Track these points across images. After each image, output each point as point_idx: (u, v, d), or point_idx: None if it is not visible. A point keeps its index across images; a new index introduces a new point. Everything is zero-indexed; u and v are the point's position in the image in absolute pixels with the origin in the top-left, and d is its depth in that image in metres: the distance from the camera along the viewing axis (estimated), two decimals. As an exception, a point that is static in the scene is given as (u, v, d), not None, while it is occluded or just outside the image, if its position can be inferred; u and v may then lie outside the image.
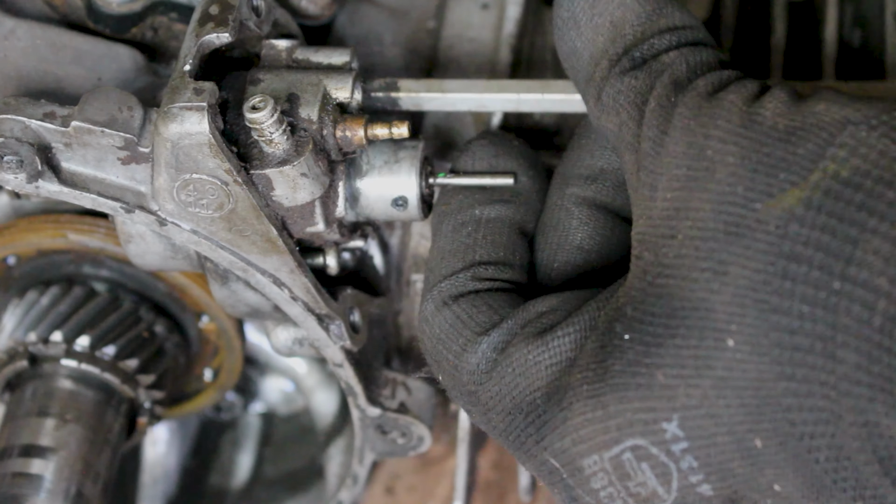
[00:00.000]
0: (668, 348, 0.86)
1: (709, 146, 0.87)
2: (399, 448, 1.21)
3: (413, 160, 1.06)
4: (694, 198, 0.86)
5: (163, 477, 1.49)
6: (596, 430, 0.90)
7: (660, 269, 0.88)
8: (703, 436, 0.86)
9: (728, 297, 0.84)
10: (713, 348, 0.84)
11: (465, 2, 1.25)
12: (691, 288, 0.85)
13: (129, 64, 1.10)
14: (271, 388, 1.51)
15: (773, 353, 0.82)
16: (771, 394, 0.83)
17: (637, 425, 0.88)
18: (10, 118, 0.97)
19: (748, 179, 0.84)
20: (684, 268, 0.86)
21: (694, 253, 0.85)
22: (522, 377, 0.94)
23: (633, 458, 0.88)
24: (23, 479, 1.16)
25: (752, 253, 0.83)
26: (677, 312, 0.86)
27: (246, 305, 1.12)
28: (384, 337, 1.22)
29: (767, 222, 0.83)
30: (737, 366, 0.84)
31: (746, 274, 0.83)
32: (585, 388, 0.90)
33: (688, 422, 0.86)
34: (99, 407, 1.21)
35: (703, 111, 0.88)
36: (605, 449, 0.89)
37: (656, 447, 0.87)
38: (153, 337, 1.25)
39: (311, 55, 1.06)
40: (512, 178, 1.05)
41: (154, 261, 1.11)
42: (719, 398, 0.84)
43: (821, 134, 0.83)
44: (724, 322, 0.84)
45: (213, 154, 0.95)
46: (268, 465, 1.50)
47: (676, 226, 0.87)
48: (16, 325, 1.23)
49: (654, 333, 0.87)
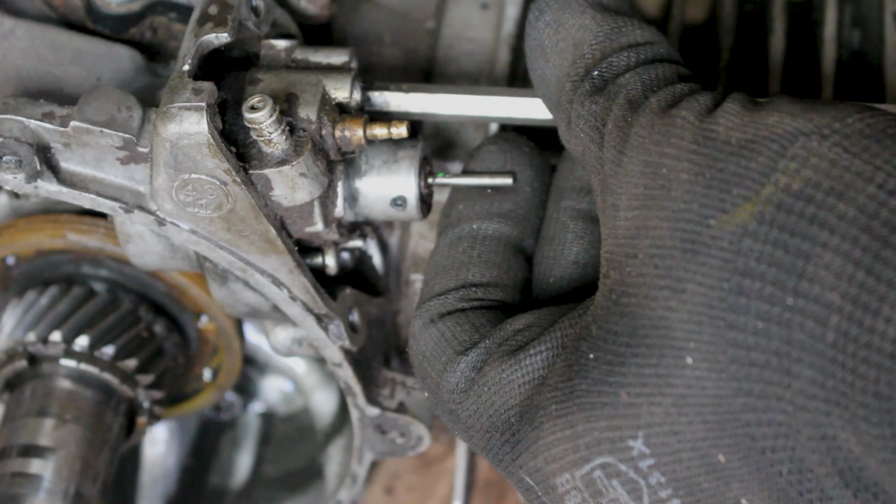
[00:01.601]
0: (630, 367, 0.87)
1: (664, 164, 0.87)
2: (398, 448, 1.21)
3: (412, 160, 1.06)
4: (652, 216, 0.87)
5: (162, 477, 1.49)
6: (566, 450, 0.90)
7: (623, 287, 0.88)
8: (668, 452, 0.86)
9: (685, 314, 0.84)
10: (672, 366, 0.85)
11: (464, 2, 1.25)
12: (651, 306, 0.86)
13: (128, 64, 1.10)
14: (270, 388, 1.51)
15: (731, 370, 0.82)
16: (730, 410, 0.83)
17: (605, 443, 0.88)
18: (9, 118, 0.97)
19: (702, 196, 0.84)
20: (644, 286, 0.86)
21: (653, 271, 0.86)
22: (497, 396, 0.95)
23: (603, 475, 0.89)
24: (22, 478, 1.16)
25: (707, 270, 0.83)
26: (638, 331, 0.86)
27: (245, 305, 1.12)
28: (383, 337, 1.22)
29: (721, 238, 0.83)
30: (696, 383, 0.84)
31: (702, 291, 0.83)
32: (554, 407, 0.91)
33: (652, 439, 0.86)
34: (98, 407, 1.21)
35: (656, 129, 0.88)
36: (576, 467, 0.90)
37: (624, 464, 0.88)
38: (152, 337, 1.25)
39: (311, 55, 1.06)
40: (511, 178, 1.05)
41: (153, 261, 1.11)
42: (681, 415, 0.85)
43: (772, 146, 0.83)
44: (683, 340, 0.84)
45: (211, 154, 0.95)
46: (267, 464, 1.50)
47: (637, 244, 0.87)
48: (15, 324, 1.23)
49: (616, 352, 0.88)
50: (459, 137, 1.18)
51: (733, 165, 0.84)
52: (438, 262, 1.03)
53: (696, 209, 0.84)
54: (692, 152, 0.86)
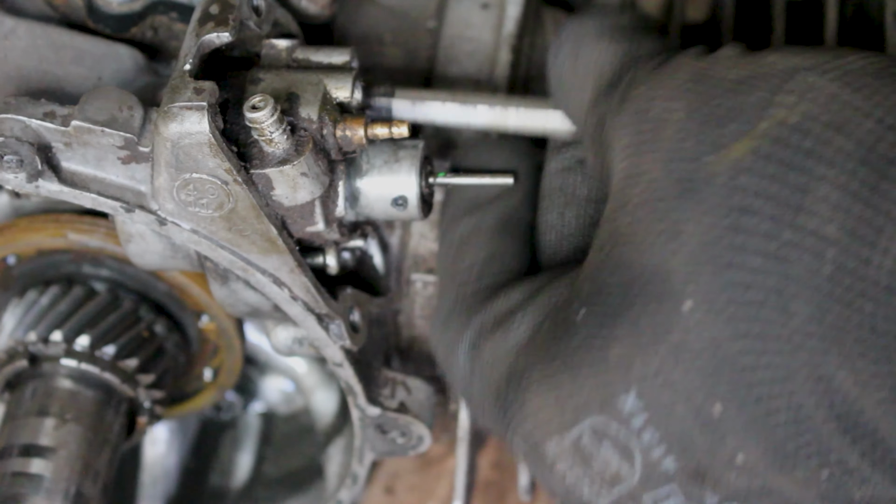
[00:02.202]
0: (623, 319, 0.85)
1: (654, 106, 0.85)
2: (399, 448, 1.21)
3: (413, 160, 1.06)
4: (644, 161, 0.85)
5: (163, 476, 1.49)
6: (552, 413, 0.89)
7: (615, 238, 0.86)
8: (662, 405, 0.84)
9: (684, 257, 0.82)
10: (670, 312, 0.83)
11: (465, 1, 1.25)
12: (648, 253, 0.84)
13: (130, 63, 1.10)
14: (271, 388, 1.51)
15: (729, 311, 0.81)
16: (727, 354, 0.81)
17: (593, 403, 0.86)
18: (10, 117, 0.97)
19: (697, 133, 0.83)
20: (640, 233, 0.85)
21: (648, 216, 0.84)
22: (491, 368, 0.95)
23: (592, 437, 0.87)
24: (22, 478, 1.16)
25: (704, 208, 0.82)
26: (635, 281, 0.85)
27: (246, 305, 1.12)
28: (384, 336, 1.22)
29: (718, 175, 0.81)
30: (693, 328, 0.82)
31: (700, 231, 0.82)
32: (539, 368, 0.90)
33: (645, 392, 0.84)
34: (99, 406, 1.21)
35: (652, 77, 0.88)
36: (564, 431, 0.88)
37: (615, 423, 0.86)
38: (153, 336, 1.25)
39: (312, 55, 1.06)
40: (512, 178, 1.05)
41: (154, 260, 1.11)
42: (676, 364, 0.83)
43: (771, 80, 0.82)
44: (681, 284, 0.82)
45: (213, 153, 0.95)
46: (268, 464, 1.50)
47: (629, 193, 0.86)
48: (16, 324, 1.23)
49: (609, 306, 0.86)
50: (460, 137, 1.18)
51: (729, 101, 0.83)
52: (441, 269, 1.05)
53: (690, 147, 0.83)
54: (687, 90, 0.85)
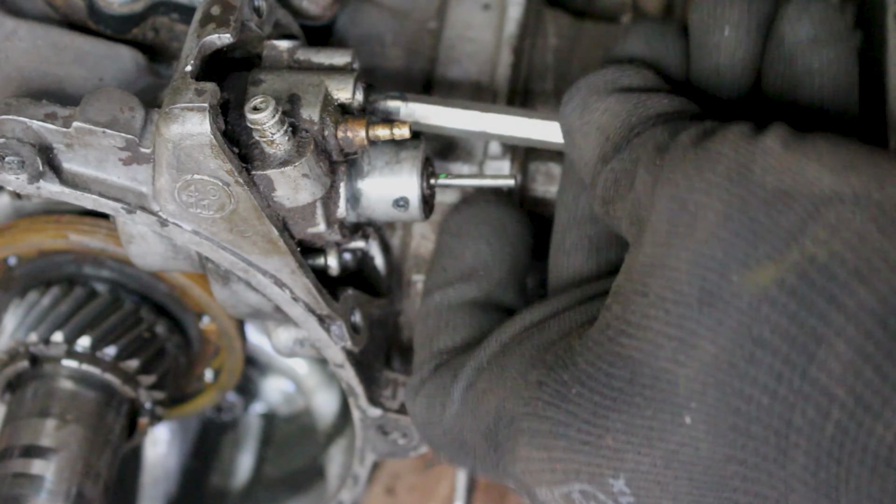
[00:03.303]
0: (621, 414, 0.85)
1: (692, 199, 0.84)
2: (400, 449, 1.21)
3: (414, 161, 1.06)
4: (671, 255, 0.84)
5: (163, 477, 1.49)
6: (543, 468, 0.90)
7: (624, 326, 0.86)
8: (650, 498, 0.85)
9: (693, 372, 0.82)
10: (669, 422, 0.83)
11: (466, 2, 1.25)
12: (656, 355, 0.84)
13: (131, 65, 1.10)
14: (272, 389, 1.51)
15: (728, 437, 0.81)
16: (721, 474, 0.82)
17: (583, 474, 0.88)
18: (11, 119, 0.97)
19: (728, 244, 0.82)
20: (651, 331, 0.84)
21: (664, 316, 0.84)
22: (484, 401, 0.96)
23: (581, 496, 0.89)
24: (23, 479, 1.16)
25: (723, 329, 0.81)
26: (637, 379, 0.85)
27: (247, 306, 1.12)
28: (385, 337, 1.22)
29: (741, 297, 0.81)
30: (690, 442, 0.83)
31: (714, 351, 0.81)
32: (527, 426, 0.91)
33: (634, 483, 0.86)
34: (100, 407, 1.21)
35: (687, 161, 0.85)
36: (555, 486, 0.90)
37: (603, 495, 0.87)
38: (154, 337, 1.25)
39: (313, 56, 1.06)
40: (513, 180, 1.05)
41: (155, 261, 1.11)
42: (668, 469, 0.84)
43: (806, 206, 0.80)
44: (685, 398, 0.83)
45: (214, 155, 0.95)
46: (268, 465, 1.50)
47: (650, 283, 0.85)
48: (17, 325, 1.23)
49: (608, 395, 0.86)
50: (461, 139, 1.18)
51: (764, 217, 0.81)
52: (417, 336, 1.07)
53: (719, 257, 0.82)
54: (724, 190, 0.83)
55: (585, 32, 1.28)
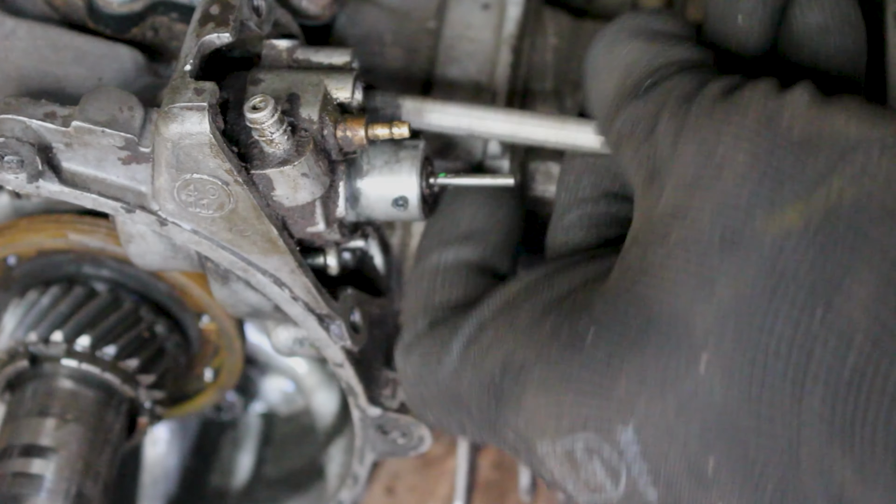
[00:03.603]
0: (635, 357, 0.85)
1: (721, 143, 0.85)
2: (399, 448, 1.21)
3: (414, 160, 1.06)
4: (696, 198, 0.84)
5: (163, 477, 1.49)
6: (548, 416, 0.89)
7: (643, 269, 0.86)
8: (657, 448, 0.85)
9: (711, 313, 0.82)
10: (684, 366, 0.83)
11: (465, 2, 1.25)
12: (674, 298, 0.84)
13: (130, 64, 1.10)
14: (272, 388, 1.51)
15: (744, 379, 0.81)
16: (733, 421, 0.82)
17: (591, 424, 0.87)
18: (10, 118, 0.97)
19: (754, 186, 0.82)
20: (670, 272, 0.84)
21: (683, 258, 0.84)
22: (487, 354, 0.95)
23: (584, 451, 0.88)
24: (23, 478, 1.16)
25: (743, 268, 0.81)
26: (653, 321, 0.84)
27: (246, 305, 1.12)
28: (385, 337, 1.22)
29: (764, 238, 0.81)
30: (704, 388, 0.83)
31: (733, 291, 0.81)
32: (539, 374, 0.90)
33: (643, 432, 0.85)
34: (99, 407, 1.21)
35: (716, 110, 0.86)
36: (558, 437, 0.89)
37: (608, 446, 0.87)
38: (154, 337, 1.25)
39: (312, 55, 1.06)
40: (512, 179, 1.05)
41: (155, 261, 1.11)
42: (679, 416, 0.84)
43: (834, 148, 0.81)
44: (701, 339, 0.82)
45: (213, 154, 0.95)
46: (268, 465, 1.50)
47: (672, 227, 0.85)
48: (16, 324, 1.23)
49: (623, 338, 0.86)
50: (461, 138, 1.18)
51: (791, 162, 0.82)
52: (408, 300, 1.06)
53: (744, 200, 0.82)
54: (751, 139, 0.83)
55: (585, 32, 1.28)
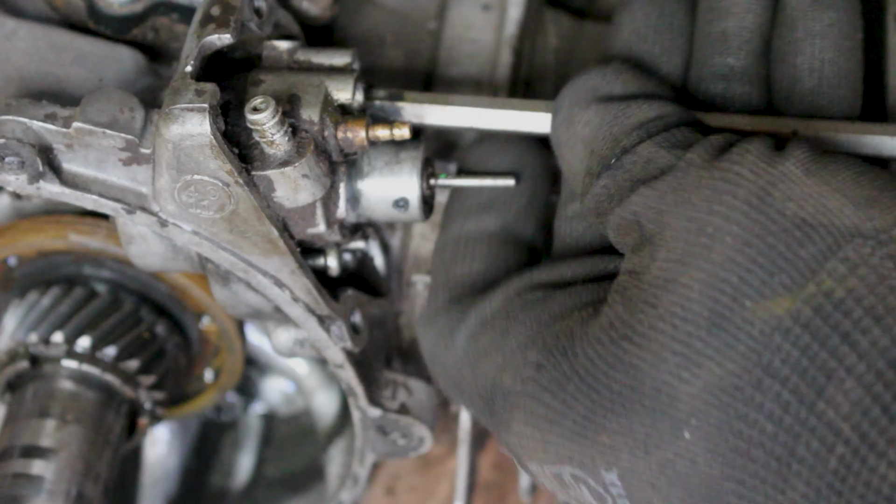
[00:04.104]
0: (619, 417, 0.85)
1: (711, 222, 0.83)
2: (400, 449, 1.21)
3: (414, 161, 1.06)
4: (686, 274, 0.83)
5: (163, 477, 1.49)
6: (536, 447, 0.90)
7: (629, 331, 0.85)
8: (641, 495, 0.85)
9: (696, 390, 0.82)
10: (668, 434, 0.83)
11: (466, 2, 1.25)
12: (660, 368, 0.83)
13: (131, 65, 1.10)
14: (272, 389, 1.51)
15: (728, 457, 0.81)
16: (717, 488, 0.82)
17: (576, 462, 0.88)
18: (11, 119, 0.97)
19: (744, 271, 0.82)
20: (657, 343, 0.84)
21: (671, 332, 0.83)
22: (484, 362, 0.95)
23: (571, 478, 0.89)
24: (23, 479, 1.16)
25: (731, 353, 0.81)
26: (638, 389, 0.84)
27: (247, 306, 1.12)
28: (385, 338, 1.22)
29: (753, 324, 0.81)
30: (687, 455, 0.83)
31: (720, 373, 0.81)
32: (525, 404, 0.90)
33: (627, 479, 0.85)
34: (100, 408, 1.21)
35: (703, 183, 0.85)
36: (546, 464, 0.90)
37: (594, 481, 0.87)
38: (154, 338, 1.25)
39: (313, 56, 1.06)
40: (513, 180, 1.05)
41: (155, 262, 1.11)
42: (661, 475, 0.84)
43: (826, 239, 0.81)
44: (686, 414, 0.82)
45: (214, 155, 0.95)
46: (268, 465, 1.50)
47: (661, 296, 0.84)
48: (17, 325, 1.23)
49: (607, 397, 0.86)
50: (461, 139, 1.18)
51: (783, 247, 0.81)
52: (436, 266, 1.05)
53: (734, 283, 0.82)
54: (743, 215, 0.82)
55: (585, 32, 1.28)
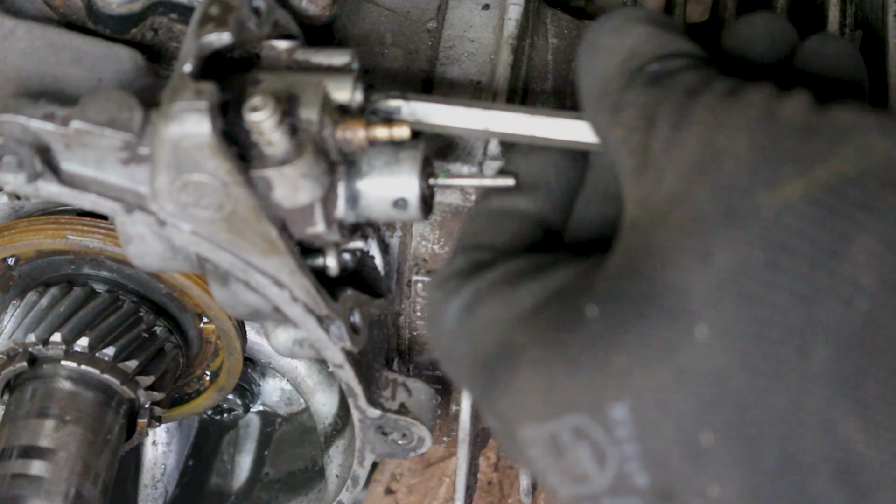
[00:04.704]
0: (633, 329, 0.84)
1: (721, 138, 0.86)
2: (399, 449, 1.21)
3: (414, 161, 1.06)
4: (696, 186, 0.85)
5: (163, 477, 1.49)
6: (538, 399, 0.88)
7: (646, 249, 0.86)
8: (651, 423, 0.84)
9: (708, 281, 0.82)
10: (682, 334, 0.82)
11: (465, 2, 1.25)
12: (674, 269, 0.84)
13: (130, 65, 1.10)
14: (272, 389, 1.51)
15: (743, 345, 0.81)
16: (731, 387, 0.81)
17: (583, 402, 0.85)
18: (9, 118, 0.97)
19: (753, 169, 0.83)
20: (669, 249, 0.84)
21: (681, 235, 0.84)
22: (484, 332, 0.93)
23: (571, 434, 0.86)
24: (22, 480, 1.16)
25: (742, 238, 0.82)
26: (652, 294, 0.84)
27: (246, 306, 1.12)
28: (384, 338, 1.22)
29: (763, 209, 0.82)
30: (702, 355, 0.82)
31: (732, 259, 0.81)
32: (536, 352, 0.89)
33: (638, 408, 0.84)
34: (99, 408, 1.21)
35: (720, 107, 0.88)
36: (545, 420, 0.87)
37: (599, 426, 0.85)
38: (153, 338, 1.25)
39: (312, 56, 1.06)
40: (513, 180, 1.04)
41: (154, 262, 1.11)
42: (676, 387, 0.83)
43: (834, 132, 0.83)
44: (699, 307, 0.82)
45: (213, 155, 0.95)
46: (268, 466, 1.50)
47: (672, 211, 0.86)
48: (16, 326, 1.23)
49: (622, 313, 0.85)
50: (461, 139, 1.18)
51: (791, 144, 0.83)
52: (461, 232, 1.03)
53: (745, 180, 0.83)
54: (753, 128, 0.85)
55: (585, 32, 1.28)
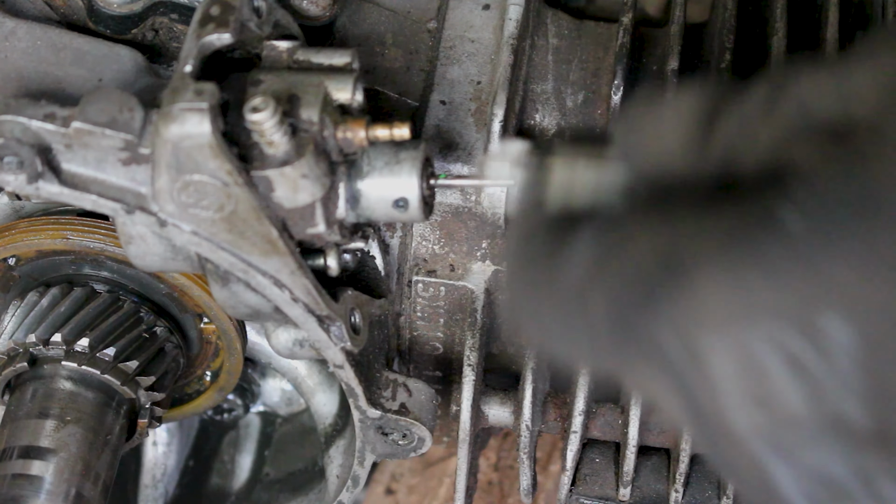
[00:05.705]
0: (852, 234, 0.66)
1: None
2: (400, 449, 1.21)
3: (414, 161, 1.06)
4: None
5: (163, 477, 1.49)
6: (728, 305, 0.68)
7: (855, 156, 0.68)
8: (877, 340, 0.65)
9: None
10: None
11: (466, 2, 1.25)
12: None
13: (130, 65, 1.10)
14: (272, 389, 1.51)
15: None
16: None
17: (788, 310, 0.67)
18: (10, 119, 0.97)
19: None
20: (891, 148, 0.66)
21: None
22: (646, 247, 0.73)
23: (768, 345, 0.67)
24: (23, 480, 1.16)
25: None
26: (877, 199, 0.66)
27: (246, 307, 1.12)
28: (385, 338, 1.22)
29: None
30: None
31: None
32: (718, 260, 0.69)
33: (859, 319, 0.65)
34: (99, 408, 1.21)
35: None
36: (734, 330, 0.68)
37: (806, 343, 0.66)
38: (153, 338, 1.25)
39: (312, 56, 1.06)
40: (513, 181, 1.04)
41: (154, 262, 1.11)
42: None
43: None
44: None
45: (213, 155, 0.95)
46: (268, 466, 1.50)
47: (884, 124, 0.67)
48: (16, 326, 1.23)
49: (834, 217, 0.67)
50: (461, 139, 1.18)
51: None
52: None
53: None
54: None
55: (585, 32, 1.28)
